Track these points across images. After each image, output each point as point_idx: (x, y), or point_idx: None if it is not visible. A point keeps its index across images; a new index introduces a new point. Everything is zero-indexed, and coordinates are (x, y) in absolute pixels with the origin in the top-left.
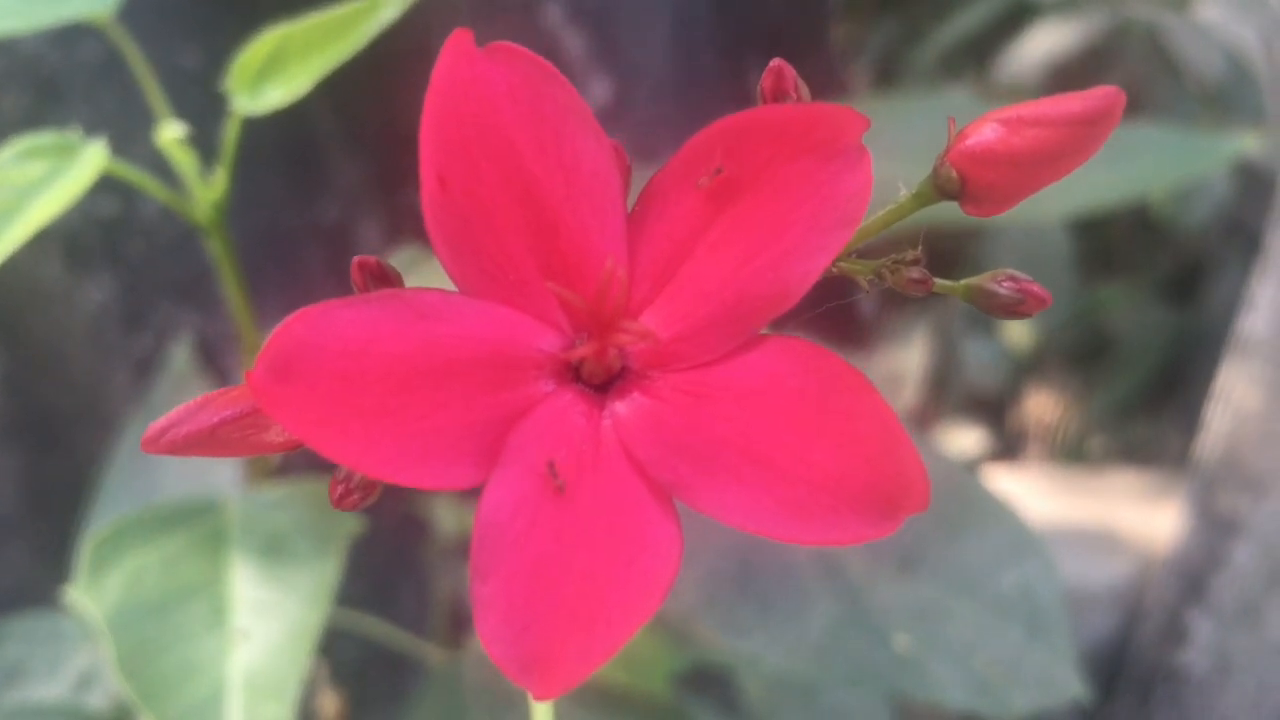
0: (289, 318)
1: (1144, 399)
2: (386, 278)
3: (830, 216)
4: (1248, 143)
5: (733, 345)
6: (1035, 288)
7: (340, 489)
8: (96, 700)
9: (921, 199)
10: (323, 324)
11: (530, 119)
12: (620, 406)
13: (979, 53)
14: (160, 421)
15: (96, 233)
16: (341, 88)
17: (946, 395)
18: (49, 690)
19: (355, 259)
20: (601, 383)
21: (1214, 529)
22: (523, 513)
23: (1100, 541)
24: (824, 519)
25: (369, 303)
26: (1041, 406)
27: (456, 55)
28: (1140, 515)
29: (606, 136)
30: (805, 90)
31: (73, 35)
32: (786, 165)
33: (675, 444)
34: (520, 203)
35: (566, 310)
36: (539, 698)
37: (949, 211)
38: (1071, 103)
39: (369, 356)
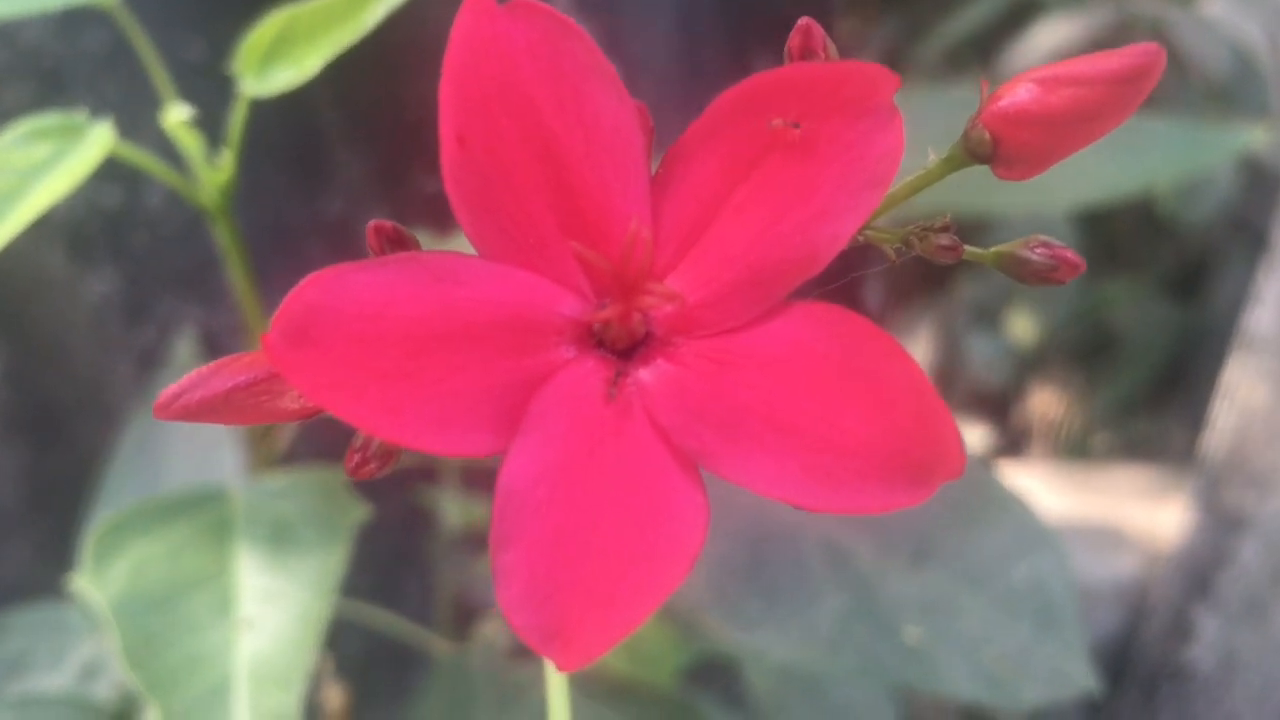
0: (303, 281)
1: (1149, 395)
2: (403, 242)
3: (860, 177)
4: (1253, 137)
5: (758, 311)
6: (1068, 254)
7: (357, 458)
8: (101, 690)
9: (952, 163)
10: (338, 287)
11: (550, 75)
12: (644, 373)
13: (983, 49)
14: (173, 387)
15: (100, 224)
16: (346, 78)
17: (951, 391)
18: (53, 681)
19: (372, 223)
20: (624, 349)
21: (1220, 526)
22: (544, 481)
23: (1105, 538)
24: (853, 486)
25: (385, 265)
26: (1046, 403)
27: (476, 12)
28: (1145, 512)
29: (629, 96)
30: (833, 49)
31: (76, 25)
32: (815, 124)
33: (700, 411)
34: (540, 161)
35: (588, 274)
36: (562, 668)
37: (955, 200)
38: (1109, 60)
39: (385, 319)
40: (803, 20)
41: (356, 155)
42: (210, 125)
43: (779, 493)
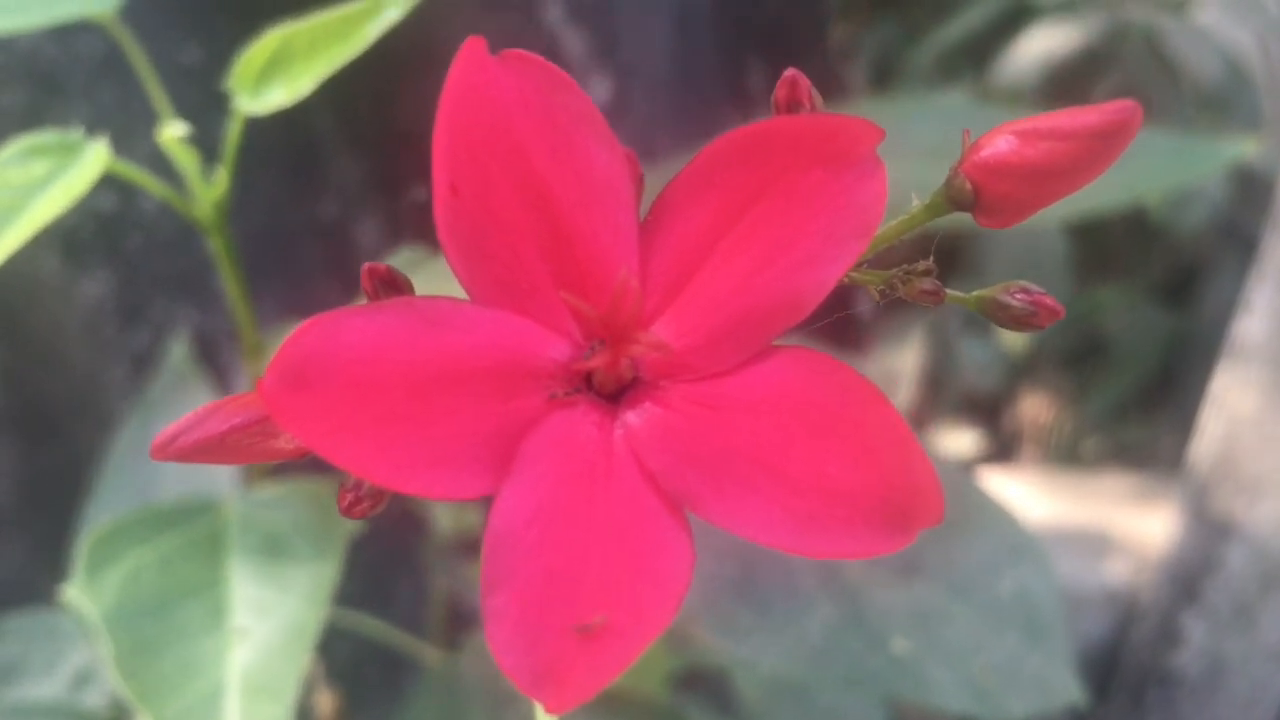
0: (300, 326)
1: (1139, 401)
2: (396, 284)
3: (845, 227)
4: (1245, 147)
5: (745, 356)
6: (1048, 300)
7: (350, 497)
8: (93, 699)
9: (934, 209)
10: (334, 333)
11: (543, 126)
12: (632, 416)
13: (977, 55)
14: (170, 428)
15: (94, 227)
16: (340, 86)
17: (942, 396)
18: (45, 688)
19: (365, 266)
20: (613, 392)
21: (1208, 532)
22: (535, 523)
23: (1094, 544)
24: (836, 532)
25: (380, 311)
26: (1036, 408)
27: (469, 63)
28: (1134, 518)
29: (619, 145)
30: (819, 100)
31: (71, 31)
32: (801, 176)
33: (687, 455)
34: (533, 210)
35: (579, 320)
36: (551, 711)
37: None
38: (1087, 115)
39: (380, 365)
40: (789, 72)
41: (350, 164)
42: (202, 132)
43: (765, 537)
